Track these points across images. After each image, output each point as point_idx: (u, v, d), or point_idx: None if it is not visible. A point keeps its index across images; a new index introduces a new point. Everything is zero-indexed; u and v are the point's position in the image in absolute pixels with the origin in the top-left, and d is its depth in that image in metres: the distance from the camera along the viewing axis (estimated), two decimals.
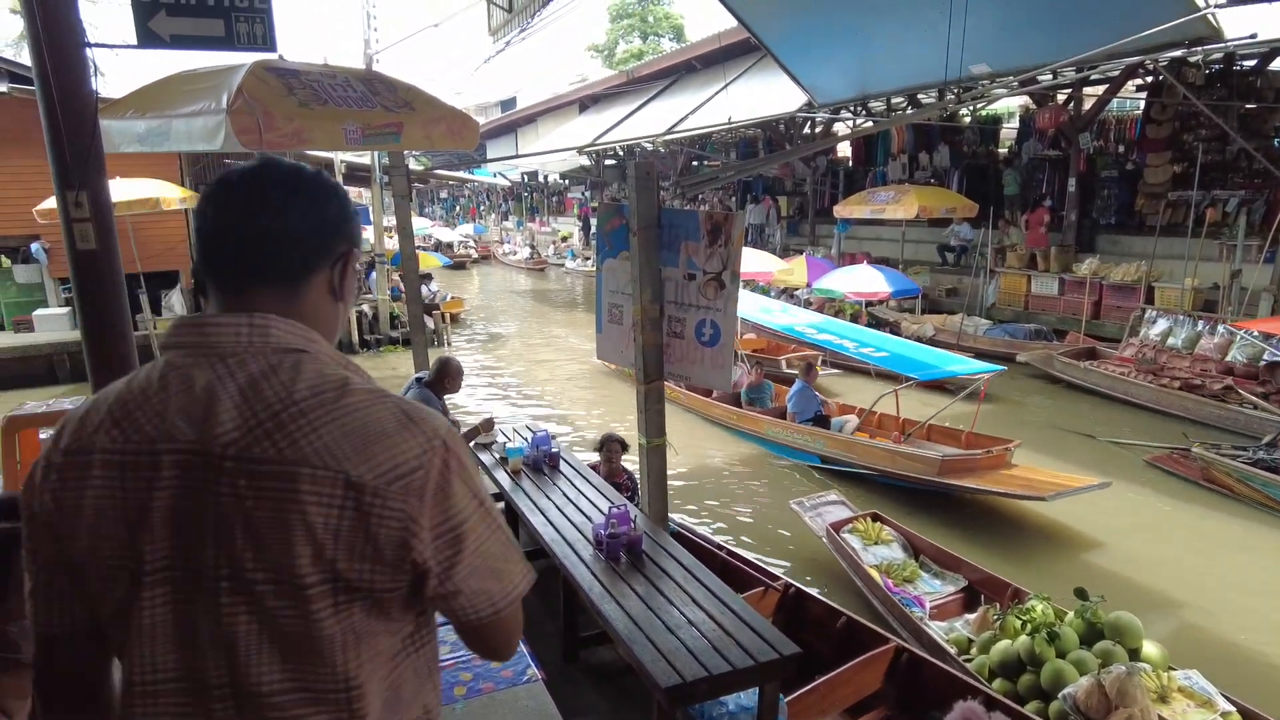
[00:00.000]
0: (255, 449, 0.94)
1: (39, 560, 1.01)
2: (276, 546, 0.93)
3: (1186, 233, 10.66)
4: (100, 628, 1.02)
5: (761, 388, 9.23)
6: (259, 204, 1.02)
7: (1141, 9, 8.13)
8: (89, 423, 0.99)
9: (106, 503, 0.96)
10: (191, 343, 0.99)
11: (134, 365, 4.42)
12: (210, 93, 4.05)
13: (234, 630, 0.94)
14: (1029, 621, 3.74)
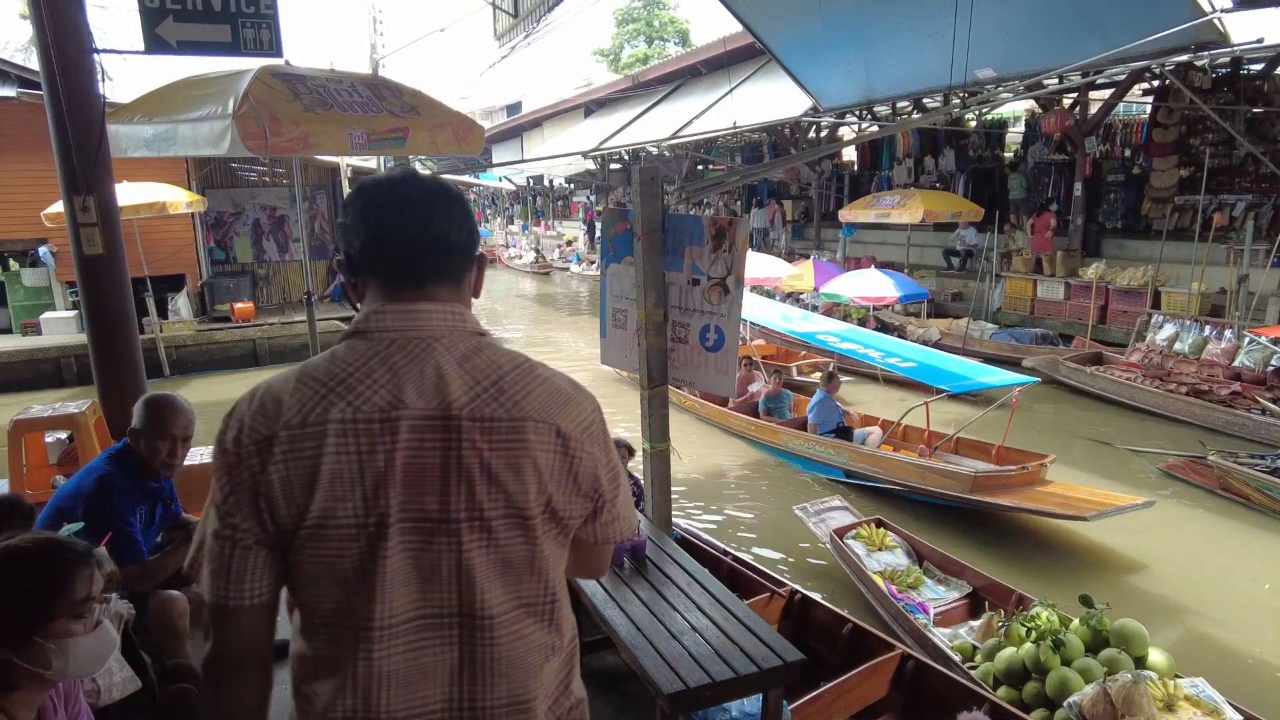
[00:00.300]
0: (485, 409, 1.13)
1: (240, 536, 1.10)
2: (511, 486, 1.13)
3: (1193, 237, 10.63)
4: (275, 599, 1.15)
5: (780, 397, 8.97)
6: (437, 213, 1.19)
7: (1147, 14, 8.11)
8: (308, 398, 1.11)
9: (344, 466, 1.08)
10: (401, 325, 1.15)
11: (140, 368, 4.44)
12: (216, 98, 4.08)
13: (471, 563, 1.12)
14: (1034, 629, 3.72)
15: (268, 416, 1.11)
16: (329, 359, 1.15)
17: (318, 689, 1.14)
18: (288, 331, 13.18)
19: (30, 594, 1.53)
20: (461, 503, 1.12)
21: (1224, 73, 12.07)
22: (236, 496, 1.10)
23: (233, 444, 1.11)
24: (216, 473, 1.13)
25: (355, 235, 1.18)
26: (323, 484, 1.08)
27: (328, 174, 14.94)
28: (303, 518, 1.09)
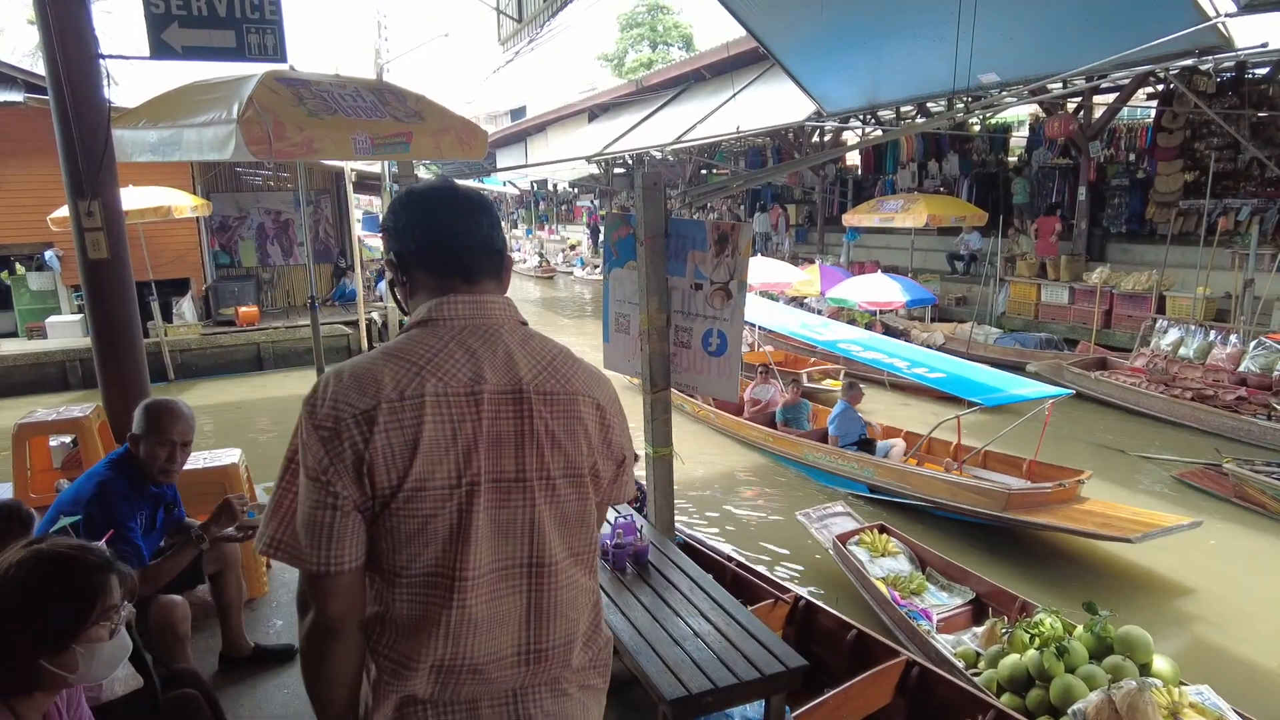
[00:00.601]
0: (546, 385, 1.32)
1: (340, 503, 1.21)
2: (569, 449, 1.33)
3: (1198, 241, 10.60)
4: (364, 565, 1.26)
5: (798, 407, 8.66)
6: (483, 220, 1.37)
7: (1150, 19, 8.09)
8: (402, 375, 1.24)
9: (440, 433, 1.23)
10: (473, 313, 1.33)
11: (144, 372, 4.45)
12: (221, 103, 4.09)
13: (540, 517, 1.30)
14: (1037, 635, 3.70)
15: (366, 392, 1.22)
16: (410, 341, 1.29)
17: (406, 646, 1.27)
18: (292, 335, 13.20)
19: (73, 601, 1.57)
20: (532, 464, 1.30)
21: (1229, 77, 12.05)
22: (337, 466, 1.20)
23: (330, 419, 1.21)
24: (309, 448, 1.21)
25: (410, 238, 1.35)
26: (423, 450, 1.22)
27: (332, 178, 14.99)
28: (403, 482, 1.21)
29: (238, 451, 4.10)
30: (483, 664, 1.28)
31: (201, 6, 4.05)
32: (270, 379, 12.63)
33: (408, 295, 1.39)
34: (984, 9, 7.77)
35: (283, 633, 3.59)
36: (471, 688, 1.29)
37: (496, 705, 1.31)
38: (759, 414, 8.98)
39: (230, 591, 3.16)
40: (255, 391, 12.06)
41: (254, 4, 4.15)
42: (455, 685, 1.29)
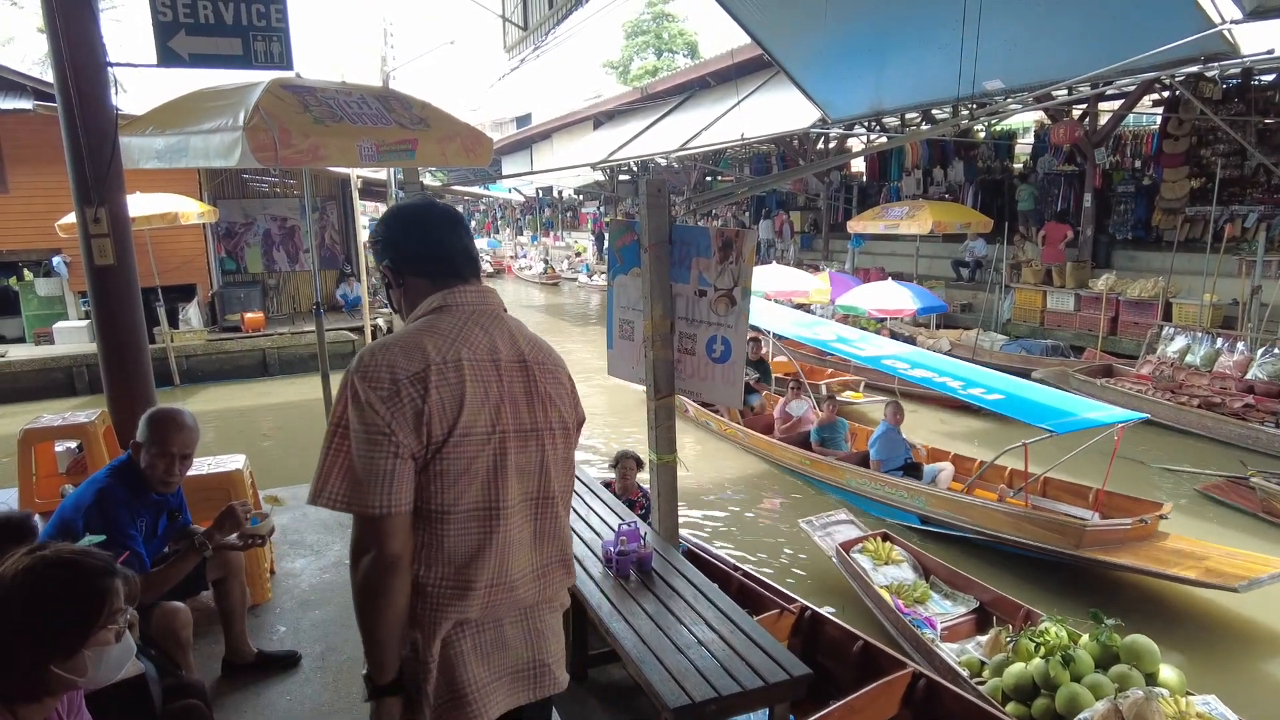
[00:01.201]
0: (538, 356, 1.67)
1: (400, 450, 1.45)
2: (561, 406, 1.68)
3: (1205, 248, 10.55)
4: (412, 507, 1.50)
5: (834, 426, 8.09)
6: (462, 230, 1.69)
7: (1156, 25, 8.09)
8: (441, 344, 1.52)
9: (477, 390, 1.52)
10: (479, 301, 1.63)
11: (149, 378, 4.46)
12: (228, 110, 4.10)
13: (548, 459, 1.64)
14: (1043, 644, 3.68)
15: (414, 359, 1.48)
16: (438, 320, 1.57)
17: (465, 571, 1.53)
18: (297, 341, 13.24)
19: (81, 606, 1.58)
20: (539, 417, 1.63)
21: (1235, 83, 12.02)
22: (399, 419, 1.44)
23: (389, 381, 1.46)
24: (371, 407, 1.44)
25: (404, 249, 1.64)
26: (467, 403, 1.50)
27: (338, 185, 15.04)
28: (452, 430, 1.49)
29: (242, 457, 4.11)
30: (516, 580, 1.60)
31: (208, 14, 4.08)
32: (275, 385, 12.66)
33: (402, 297, 1.67)
34: (988, 17, 7.77)
35: (286, 639, 3.59)
36: (506, 603, 1.59)
37: (515, 621, 1.63)
38: (790, 433, 8.48)
39: (234, 598, 3.16)
40: (260, 397, 12.09)
41: (260, 12, 4.17)
42: (496, 602, 1.58)
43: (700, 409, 9.53)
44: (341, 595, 3.94)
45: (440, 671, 1.54)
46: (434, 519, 1.51)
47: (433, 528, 1.51)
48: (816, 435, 8.07)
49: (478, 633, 1.57)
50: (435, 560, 1.52)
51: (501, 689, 1.60)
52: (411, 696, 1.56)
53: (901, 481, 6.68)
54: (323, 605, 3.87)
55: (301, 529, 4.77)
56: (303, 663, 3.38)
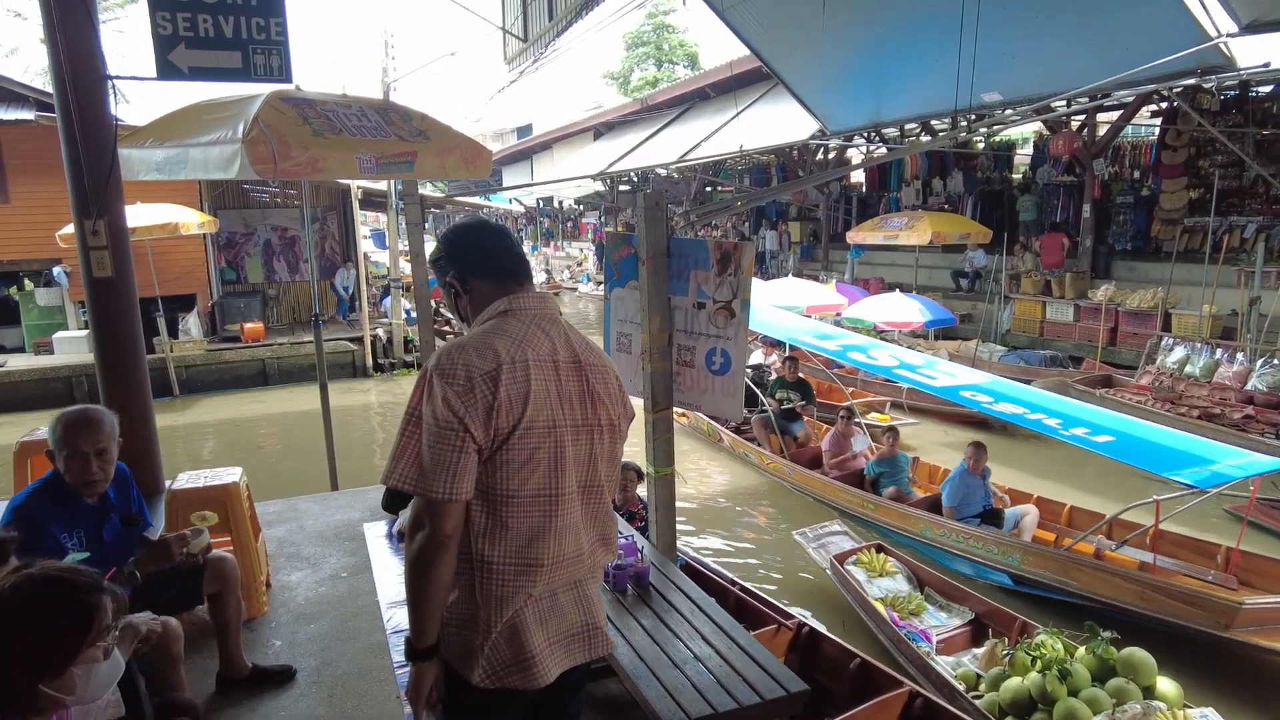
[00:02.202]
0: (590, 358, 1.82)
1: (467, 443, 1.61)
2: (609, 404, 1.83)
3: (1204, 259, 10.57)
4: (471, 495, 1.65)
5: (895, 461, 7.11)
6: (513, 240, 1.91)
7: (1152, 38, 8.12)
8: (510, 346, 1.68)
9: (540, 387, 1.69)
10: (540, 306, 1.81)
11: (147, 389, 4.46)
12: (227, 122, 4.12)
13: (596, 451, 1.81)
14: (1039, 657, 3.66)
15: (487, 359, 1.64)
16: (504, 323, 1.74)
17: (529, 550, 1.69)
18: (297, 351, 13.24)
19: (71, 623, 1.57)
20: (590, 413, 1.79)
21: (1232, 95, 12.07)
22: (472, 413, 1.60)
23: (464, 379, 1.61)
24: (446, 402, 1.59)
25: (471, 258, 1.82)
26: (532, 400, 1.66)
27: (338, 195, 15.08)
28: (519, 423, 1.65)
29: (238, 470, 4.09)
30: (571, 558, 1.77)
31: (208, 28, 4.09)
32: (275, 394, 12.66)
33: (468, 305, 1.84)
34: (985, 29, 7.81)
35: (282, 653, 3.57)
36: (562, 579, 1.76)
37: (567, 591, 1.79)
38: (843, 468, 7.58)
39: (229, 611, 3.14)
40: (259, 407, 12.08)
41: (260, 25, 4.19)
42: (555, 578, 1.74)
43: (736, 438, 8.91)
44: (338, 609, 3.93)
45: (505, 639, 1.69)
46: (500, 503, 1.67)
47: (498, 510, 1.67)
48: (872, 470, 7.12)
49: (536, 603, 1.73)
50: (500, 540, 1.68)
51: (559, 650, 1.77)
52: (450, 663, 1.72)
53: (989, 534, 5.75)
54: (319, 619, 3.85)
55: (298, 542, 4.75)
56: (298, 677, 3.35)
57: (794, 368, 9.26)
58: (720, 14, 12.28)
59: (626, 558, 3.40)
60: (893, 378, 7.07)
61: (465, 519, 1.67)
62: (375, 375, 13.77)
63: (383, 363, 14.05)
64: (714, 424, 9.24)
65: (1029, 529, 5.90)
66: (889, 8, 10.98)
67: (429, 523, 1.63)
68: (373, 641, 3.59)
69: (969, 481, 6.14)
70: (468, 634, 1.71)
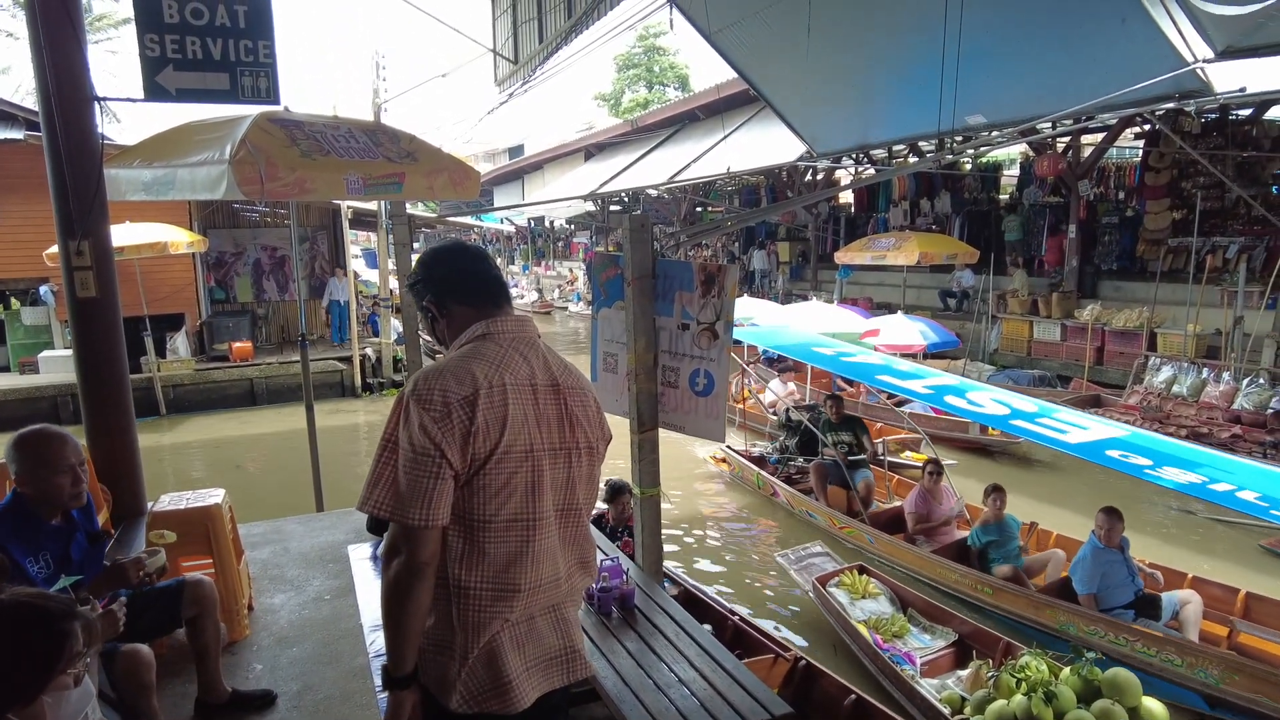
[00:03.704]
0: (569, 381, 1.82)
1: (443, 469, 1.58)
2: (586, 427, 1.82)
3: (1188, 278, 10.68)
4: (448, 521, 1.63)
5: (1004, 527, 5.73)
6: (492, 264, 1.91)
7: (1132, 63, 8.26)
8: (488, 370, 1.67)
9: (518, 411, 1.68)
10: (518, 329, 1.79)
11: (130, 411, 4.44)
12: (215, 143, 4.13)
13: (574, 475, 1.80)
14: (1024, 679, 3.64)
15: (464, 383, 1.63)
16: (482, 346, 1.72)
17: (505, 575, 1.67)
18: (286, 371, 13.18)
19: (42, 651, 1.56)
20: (569, 436, 1.78)
21: (1213, 117, 12.26)
22: (448, 438, 1.58)
23: (440, 404, 1.59)
24: (422, 428, 1.58)
25: (449, 280, 1.81)
26: (509, 424, 1.66)
27: (328, 214, 15.10)
28: (496, 447, 1.64)
29: (221, 492, 4.06)
30: (549, 583, 1.75)
31: (196, 50, 4.12)
32: (263, 414, 12.58)
33: (446, 329, 1.82)
34: (969, 53, 7.93)
35: (263, 678, 3.52)
36: (540, 603, 1.75)
37: (545, 615, 1.78)
38: (935, 536, 6.30)
39: (207, 636, 3.10)
40: (246, 428, 12.00)
41: (248, 48, 4.21)
42: (533, 603, 1.73)
43: (796, 494, 7.65)
44: (321, 632, 3.88)
45: (482, 664, 1.68)
46: (477, 528, 1.66)
47: (475, 536, 1.66)
48: (977, 540, 5.74)
49: (513, 627, 1.72)
50: (477, 565, 1.66)
51: (536, 675, 1.76)
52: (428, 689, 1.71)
53: (1151, 632, 4.57)
54: (301, 642, 3.81)
55: (282, 564, 4.71)
56: (279, 702, 3.31)
57: (839, 406, 7.99)
58: (708, 38, 12.42)
59: (611, 580, 3.38)
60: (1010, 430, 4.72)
61: (442, 544, 1.65)
62: (364, 395, 13.72)
63: (371, 382, 13.99)
64: (764, 474, 8.17)
65: (1192, 623, 4.66)
66: (873, 32, 11.14)
67: (405, 549, 1.61)
68: (356, 665, 3.55)
69: (1105, 559, 4.89)
70: (444, 659, 1.69)
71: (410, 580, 1.62)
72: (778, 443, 8.84)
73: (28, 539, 2.57)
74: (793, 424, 8.57)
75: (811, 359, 6.72)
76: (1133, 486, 8.17)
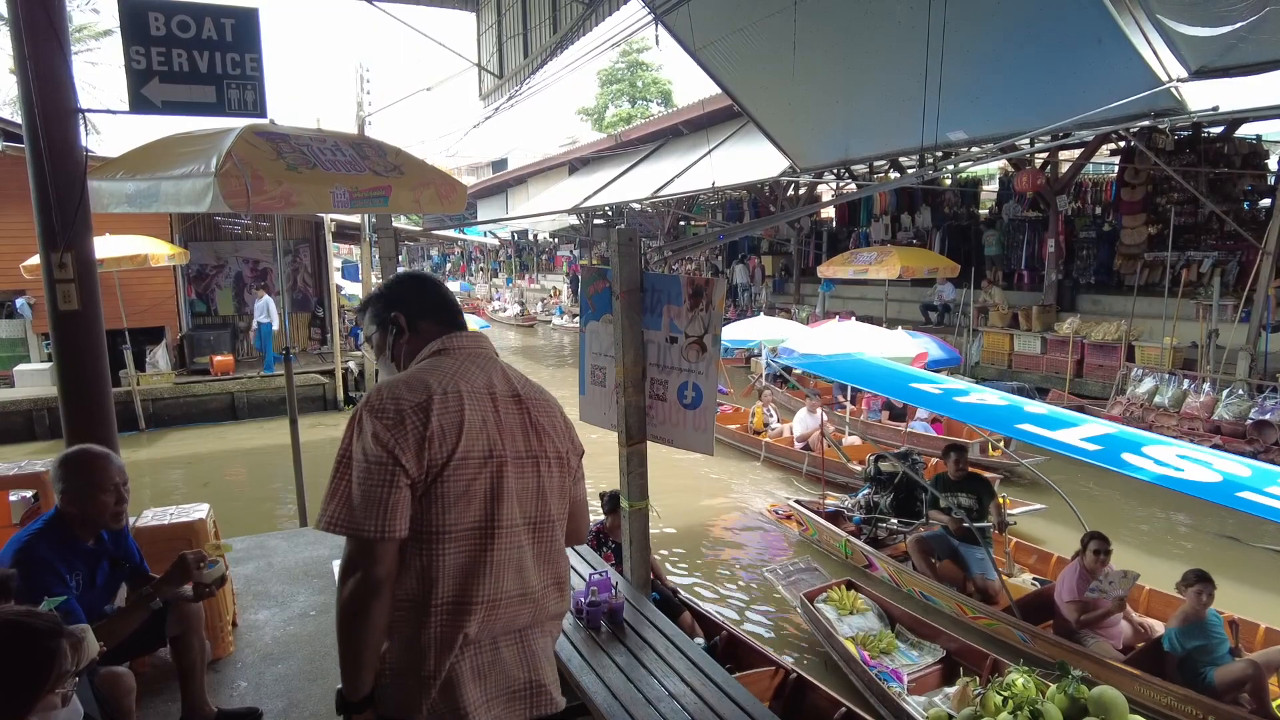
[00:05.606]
0: (529, 392, 1.81)
1: (397, 476, 1.55)
2: (555, 436, 1.81)
3: (1164, 292, 10.85)
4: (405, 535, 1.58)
5: (1206, 626, 4.41)
6: (447, 289, 1.95)
7: (1109, 82, 8.44)
8: (442, 379, 1.66)
9: (475, 417, 1.65)
10: (474, 344, 1.80)
11: (112, 425, 4.37)
12: (200, 156, 4.10)
13: (544, 485, 1.76)
14: (1011, 698, 3.64)
15: (417, 391, 1.62)
16: (437, 361, 1.73)
17: (462, 587, 1.61)
18: (267, 385, 13.06)
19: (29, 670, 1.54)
20: (535, 444, 1.76)
21: (1186, 135, 12.52)
22: (402, 444, 1.55)
23: (393, 411, 1.58)
24: (375, 436, 1.55)
25: (416, 300, 1.85)
26: (466, 429, 1.63)
27: (311, 227, 15.02)
28: (453, 453, 1.60)
29: (205, 507, 4.02)
30: (512, 598, 1.68)
31: (183, 63, 4.10)
32: (244, 429, 12.44)
33: (406, 345, 1.82)
34: (950, 71, 8.05)
35: (247, 695, 3.47)
36: (503, 622, 1.67)
37: (510, 644, 1.70)
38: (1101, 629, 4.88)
39: (192, 654, 3.05)
40: (228, 442, 11.86)
41: (235, 60, 4.20)
42: (493, 619, 1.65)
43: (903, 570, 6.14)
44: (307, 648, 3.84)
45: (441, 691, 1.61)
46: (434, 540, 1.60)
47: (433, 549, 1.60)
48: (1178, 645, 4.40)
49: (476, 654, 1.65)
50: (436, 580, 1.60)
51: (499, 706, 1.68)
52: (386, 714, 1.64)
53: None
54: (287, 659, 3.76)
55: (266, 579, 4.65)
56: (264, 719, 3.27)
57: (962, 459, 6.19)
58: (692, 54, 12.53)
59: (601, 594, 3.37)
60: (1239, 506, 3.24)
61: (400, 562, 1.59)
62: (346, 408, 13.59)
63: (354, 396, 13.87)
64: (854, 541, 6.69)
65: None
66: (856, 50, 11.29)
67: (361, 566, 1.55)
68: None
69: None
70: (403, 684, 1.63)
71: (366, 599, 1.55)
72: (859, 496, 7.30)
73: (64, 557, 2.63)
74: (883, 476, 7.06)
75: (912, 399, 5.37)
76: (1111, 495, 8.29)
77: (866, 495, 7.15)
